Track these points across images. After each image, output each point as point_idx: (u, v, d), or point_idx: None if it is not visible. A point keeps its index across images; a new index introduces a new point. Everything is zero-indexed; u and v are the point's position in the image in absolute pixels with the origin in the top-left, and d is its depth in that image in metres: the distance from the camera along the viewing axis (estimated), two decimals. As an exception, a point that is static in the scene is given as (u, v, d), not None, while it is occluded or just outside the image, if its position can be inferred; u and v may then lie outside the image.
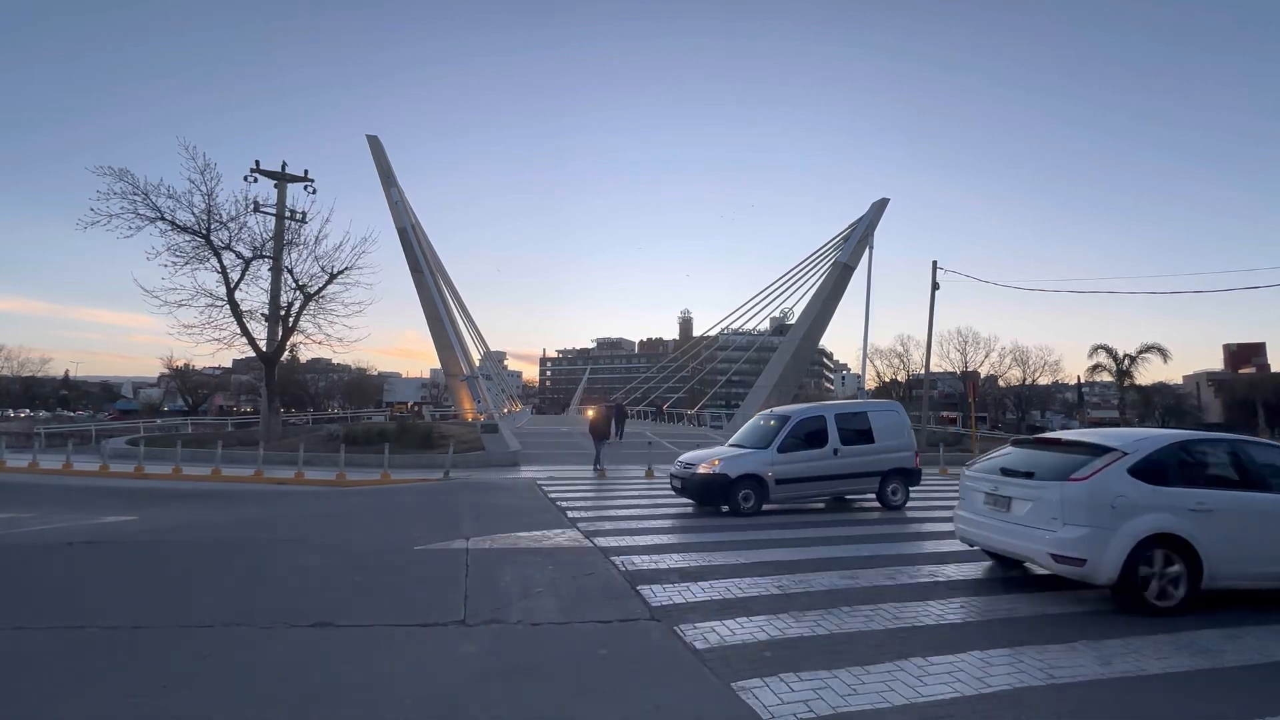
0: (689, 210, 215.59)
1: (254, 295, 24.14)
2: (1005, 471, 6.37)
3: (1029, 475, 6.09)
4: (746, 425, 12.42)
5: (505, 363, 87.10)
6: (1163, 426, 58.42)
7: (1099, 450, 5.80)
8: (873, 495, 11.60)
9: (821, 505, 11.76)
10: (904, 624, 5.13)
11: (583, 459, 20.64)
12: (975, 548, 6.83)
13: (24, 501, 11.83)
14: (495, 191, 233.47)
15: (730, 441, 11.98)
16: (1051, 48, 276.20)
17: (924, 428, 28.23)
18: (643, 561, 7.18)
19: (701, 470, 10.76)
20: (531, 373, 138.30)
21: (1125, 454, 5.67)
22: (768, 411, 12.55)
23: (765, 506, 10.75)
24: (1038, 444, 6.75)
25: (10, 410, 66.23)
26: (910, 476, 11.67)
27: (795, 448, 10.95)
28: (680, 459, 11.73)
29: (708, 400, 53.32)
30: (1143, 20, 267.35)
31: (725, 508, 10.57)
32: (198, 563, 7.26)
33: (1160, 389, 62.46)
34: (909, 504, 11.63)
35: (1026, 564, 6.57)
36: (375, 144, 33.81)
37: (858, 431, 11.39)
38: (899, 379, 60.78)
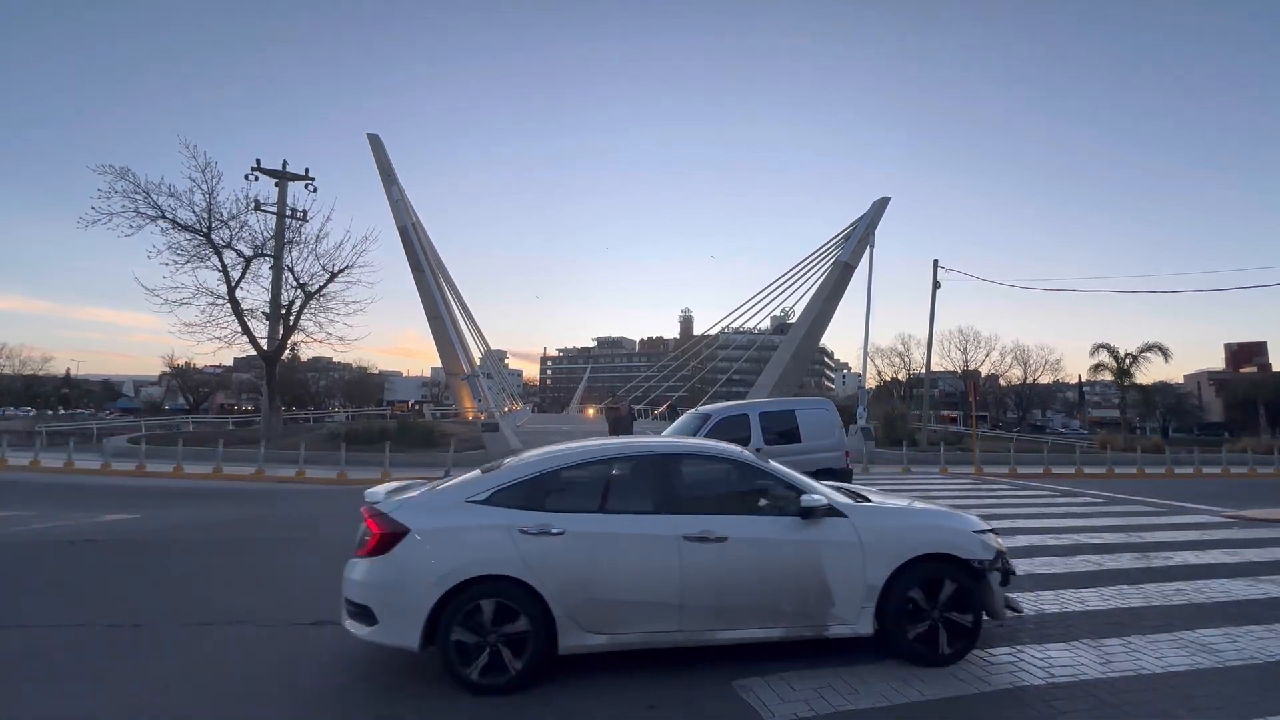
0: (689, 210, 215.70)
1: (255, 294, 24.20)
2: None
3: None
4: (676, 423, 11.98)
5: (506, 361, 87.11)
6: (1163, 426, 58.66)
7: None
8: None
9: None
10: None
11: (583, 458, 20.65)
12: None
13: (25, 500, 11.85)
14: (496, 190, 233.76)
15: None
16: (1052, 47, 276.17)
17: (925, 427, 28.25)
18: (643, 560, 7.17)
19: None
20: (532, 371, 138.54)
21: None
22: (695, 410, 12.11)
23: None
24: None
25: (12, 408, 66.33)
26: (838, 477, 10.84)
27: None
28: None
29: (708, 399, 53.40)
30: (1144, 20, 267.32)
31: None
32: (199, 561, 7.27)
33: (1161, 388, 62.41)
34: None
35: None
36: (376, 142, 33.79)
37: (783, 431, 11.00)
38: (899, 378, 60.74)
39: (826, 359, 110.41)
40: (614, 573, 3.93)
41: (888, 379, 61.68)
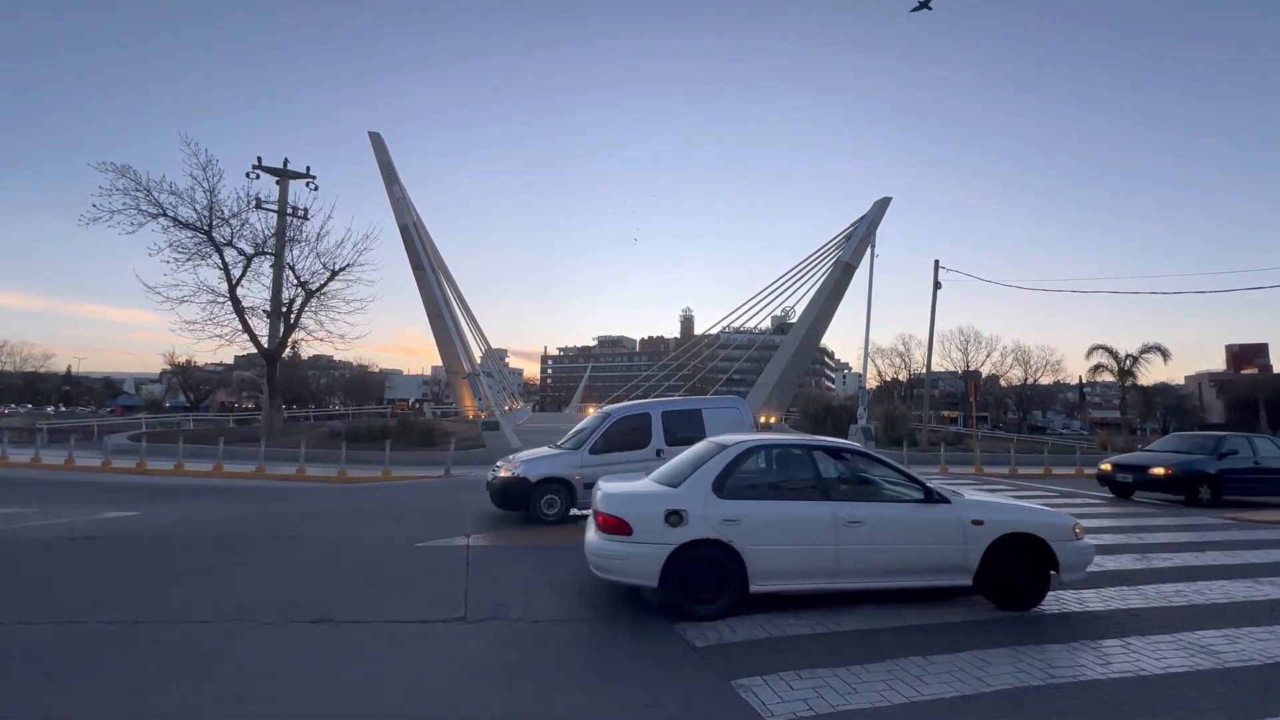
0: (689, 210, 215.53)
1: (256, 292, 24.22)
2: None
3: None
4: (580, 424, 11.68)
5: (506, 360, 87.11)
6: (1164, 427, 58.65)
7: None
8: None
9: None
10: (899, 623, 5.13)
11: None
12: None
13: (26, 497, 11.86)
14: (497, 189, 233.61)
15: (559, 441, 11.15)
16: (1053, 47, 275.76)
17: (925, 427, 28.24)
18: (643, 559, 7.17)
19: (502, 474, 10.02)
20: (533, 370, 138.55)
21: None
22: (600, 410, 11.87)
23: (574, 513, 10.02)
24: None
25: (13, 405, 66.39)
26: None
27: (611, 448, 10.10)
28: (500, 460, 10.97)
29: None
30: (1145, 20, 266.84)
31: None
32: (199, 559, 7.28)
33: (1162, 389, 62.41)
34: None
35: None
36: (377, 141, 33.79)
37: (688, 431, 10.39)
38: (900, 378, 60.78)
39: (827, 359, 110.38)
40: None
41: (888, 379, 61.74)
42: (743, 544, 5.21)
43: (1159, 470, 13.11)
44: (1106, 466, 14.44)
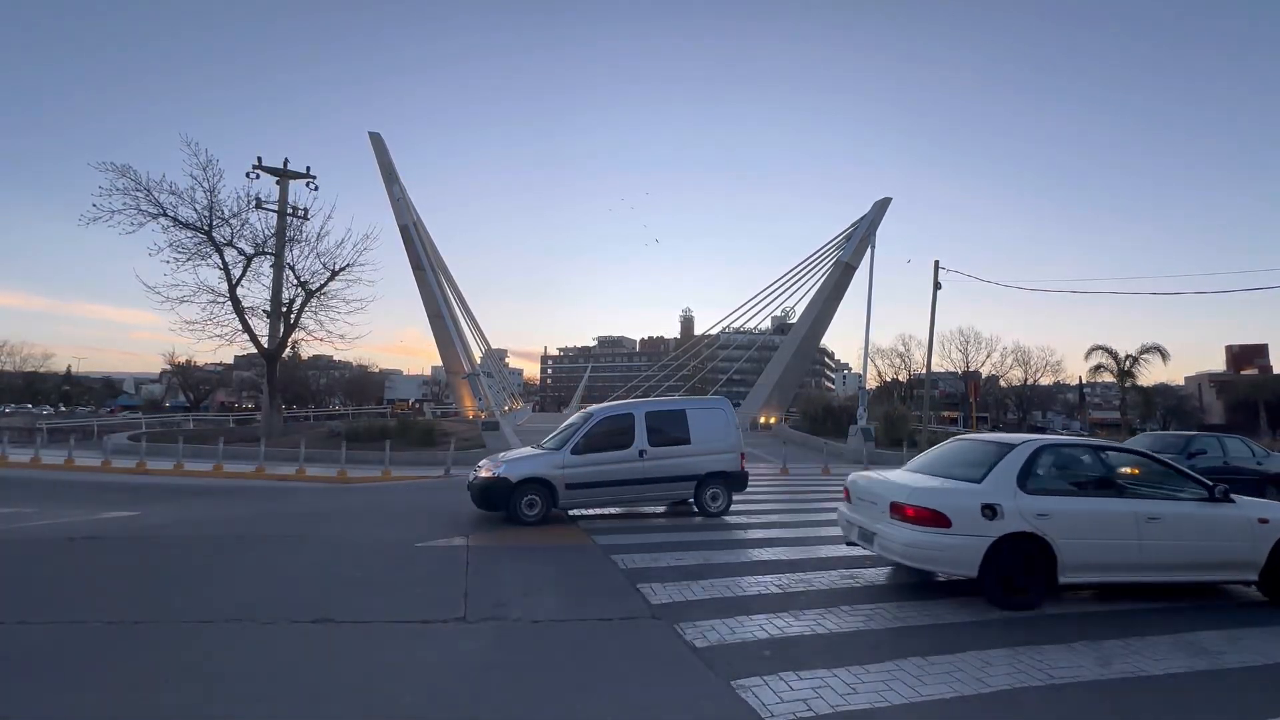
0: (689, 210, 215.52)
1: (256, 292, 24.22)
2: None
3: None
4: (563, 423, 11.51)
5: (506, 360, 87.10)
6: (1164, 427, 58.63)
7: None
8: (706, 501, 10.41)
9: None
10: (899, 623, 5.13)
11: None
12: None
13: (26, 497, 11.86)
14: (497, 189, 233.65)
15: (542, 441, 10.99)
16: (1053, 47, 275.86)
17: (925, 428, 28.23)
18: (643, 560, 7.19)
19: (483, 474, 9.79)
20: (533, 370, 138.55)
21: None
22: (583, 410, 11.70)
23: (573, 513, 10.18)
24: None
25: (12, 405, 66.38)
26: (733, 480, 10.62)
27: (594, 449, 9.90)
28: (483, 460, 10.70)
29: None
30: (1145, 20, 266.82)
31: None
32: (199, 559, 7.28)
33: (1162, 390, 62.41)
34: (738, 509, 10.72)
35: None
36: (377, 141, 33.81)
37: (672, 432, 10.40)
38: (900, 379, 60.77)
39: (827, 359, 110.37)
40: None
41: (888, 379, 61.73)
42: (1054, 537, 5.47)
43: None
44: None
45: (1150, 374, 44.41)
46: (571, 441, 9.95)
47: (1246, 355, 74.49)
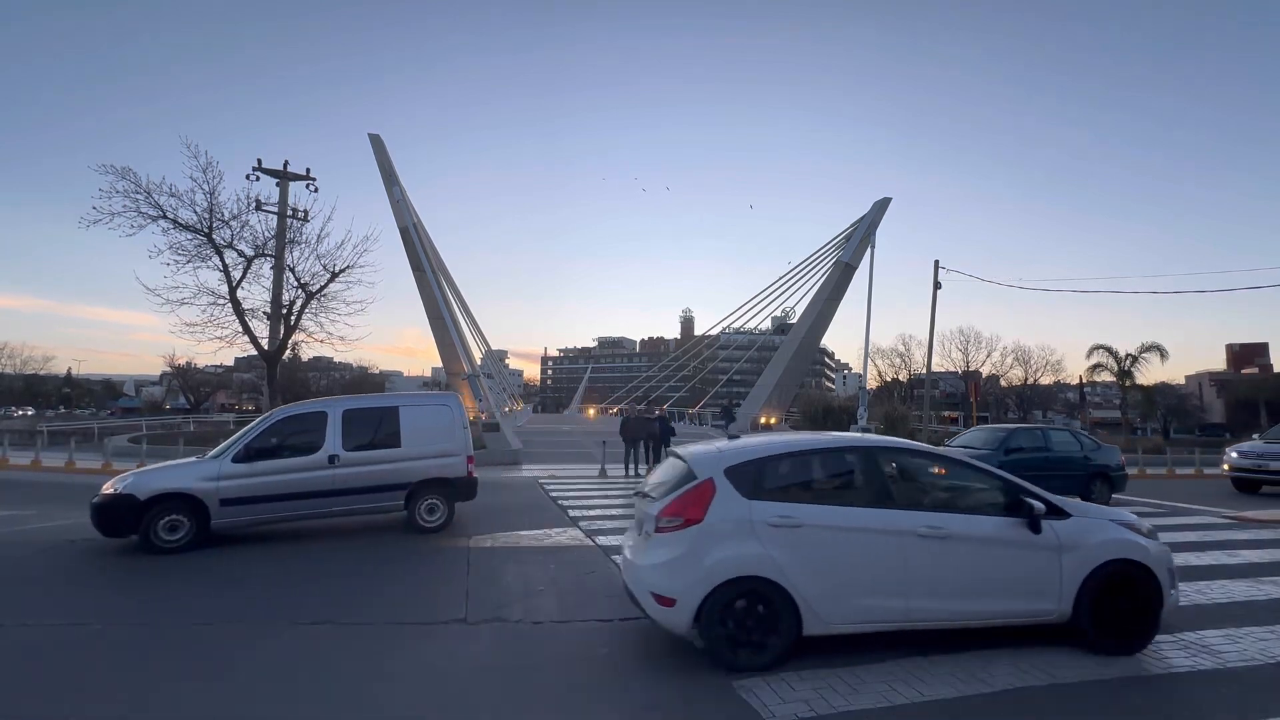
0: (689, 211, 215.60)
1: (256, 293, 24.14)
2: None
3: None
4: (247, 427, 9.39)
5: (506, 361, 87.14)
6: (1165, 426, 58.54)
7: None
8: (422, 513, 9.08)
9: None
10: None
11: (583, 458, 20.66)
12: None
13: (26, 499, 11.85)
14: (497, 190, 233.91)
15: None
16: (1053, 47, 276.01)
17: (926, 428, 28.22)
18: (644, 560, 7.17)
19: (105, 490, 8.05)
20: (533, 371, 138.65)
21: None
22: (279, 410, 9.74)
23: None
24: None
25: (13, 408, 66.44)
26: (456, 488, 9.31)
27: (266, 455, 8.40)
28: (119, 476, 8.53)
29: (709, 399, 53.37)
30: (1145, 19, 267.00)
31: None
32: (199, 561, 7.27)
33: (1163, 389, 62.32)
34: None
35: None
36: (377, 142, 33.80)
37: (378, 434, 9.07)
38: (900, 379, 60.73)
39: (827, 359, 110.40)
40: None
41: (889, 379, 61.69)
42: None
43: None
44: None
45: (1150, 373, 44.39)
46: (235, 448, 8.38)
47: (1247, 354, 74.41)
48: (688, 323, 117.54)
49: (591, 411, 61.14)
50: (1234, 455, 15.93)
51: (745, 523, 4.31)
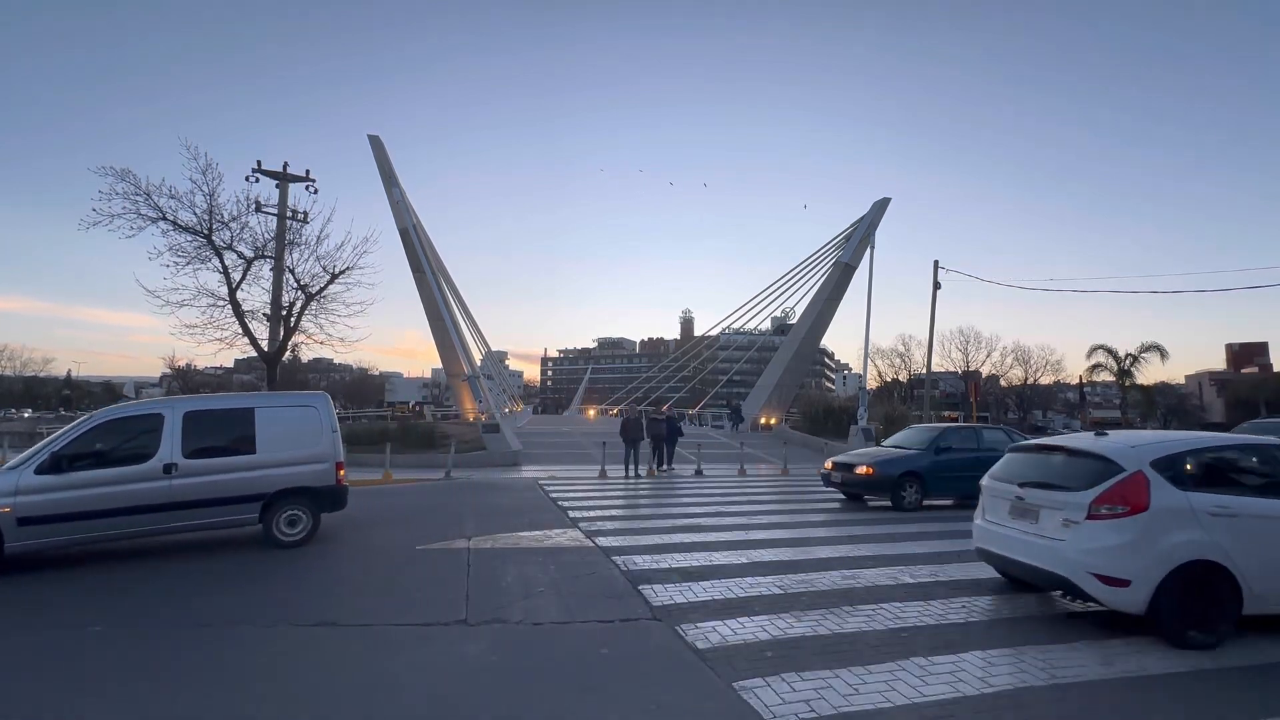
0: (689, 211, 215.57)
1: (255, 295, 24.11)
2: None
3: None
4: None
5: (506, 362, 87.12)
6: (1164, 426, 58.51)
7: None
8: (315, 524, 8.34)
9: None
10: (901, 624, 5.12)
11: (583, 459, 20.66)
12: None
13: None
14: (497, 191, 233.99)
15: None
16: (1053, 47, 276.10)
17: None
18: (644, 561, 7.18)
19: None
20: (533, 372, 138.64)
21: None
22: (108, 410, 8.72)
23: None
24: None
25: (13, 410, 66.44)
26: (322, 498, 8.43)
27: (81, 464, 7.26)
28: None
29: (709, 400, 53.39)
30: (1145, 19, 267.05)
31: None
32: (199, 562, 7.28)
33: (1163, 389, 62.36)
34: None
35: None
36: (377, 144, 33.82)
37: (228, 438, 8.09)
38: (900, 379, 60.72)
39: (827, 359, 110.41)
40: None
41: (889, 380, 61.68)
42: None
43: (862, 469, 11.49)
44: (828, 465, 12.62)
45: (1150, 373, 44.57)
46: (38, 456, 7.19)
47: (1247, 354, 74.33)
48: (687, 323, 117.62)
49: (591, 412, 61.08)
50: None
51: (1187, 511, 4.79)
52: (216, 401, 8.91)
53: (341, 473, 8.72)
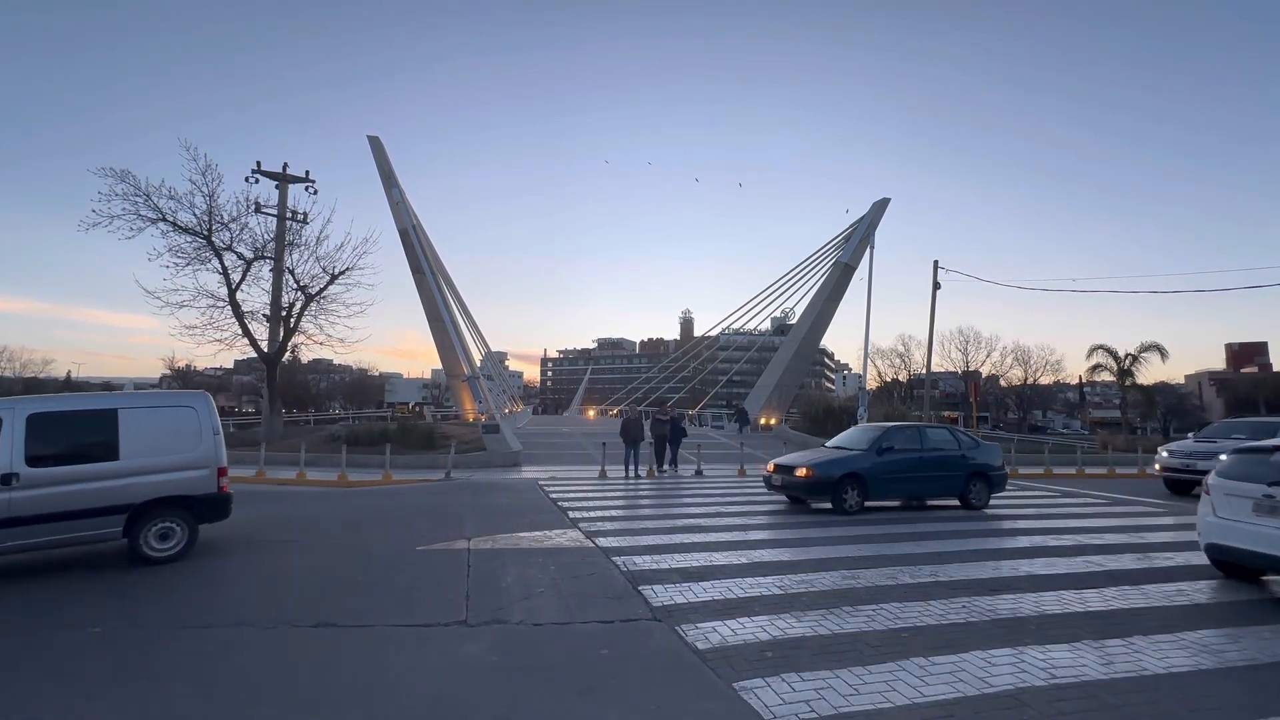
0: (689, 211, 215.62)
1: (255, 296, 24.16)
2: None
3: None
4: None
5: (506, 363, 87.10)
6: (1164, 426, 58.46)
7: None
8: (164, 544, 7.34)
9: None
10: (901, 624, 5.12)
11: (583, 460, 20.65)
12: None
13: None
14: (496, 191, 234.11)
15: None
16: (1053, 47, 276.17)
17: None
18: (644, 562, 7.18)
19: None
20: (533, 373, 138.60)
21: None
22: None
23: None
24: None
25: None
26: (202, 507, 7.67)
27: None
28: None
29: (709, 400, 53.37)
30: (1145, 19, 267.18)
31: None
32: (199, 563, 7.27)
33: (1163, 389, 62.32)
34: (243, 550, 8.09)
35: None
36: (377, 144, 33.80)
37: (84, 444, 7.16)
38: (900, 379, 60.66)
39: (827, 360, 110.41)
40: None
41: (889, 380, 61.60)
42: None
43: (801, 471, 11.04)
44: (770, 467, 12.07)
45: (1150, 373, 44.42)
46: None
47: (1246, 353, 74.35)
48: (687, 324, 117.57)
49: (591, 413, 61.04)
50: (1164, 455, 14.97)
51: None
52: (69, 402, 7.73)
53: (224, 479, 7.86)
